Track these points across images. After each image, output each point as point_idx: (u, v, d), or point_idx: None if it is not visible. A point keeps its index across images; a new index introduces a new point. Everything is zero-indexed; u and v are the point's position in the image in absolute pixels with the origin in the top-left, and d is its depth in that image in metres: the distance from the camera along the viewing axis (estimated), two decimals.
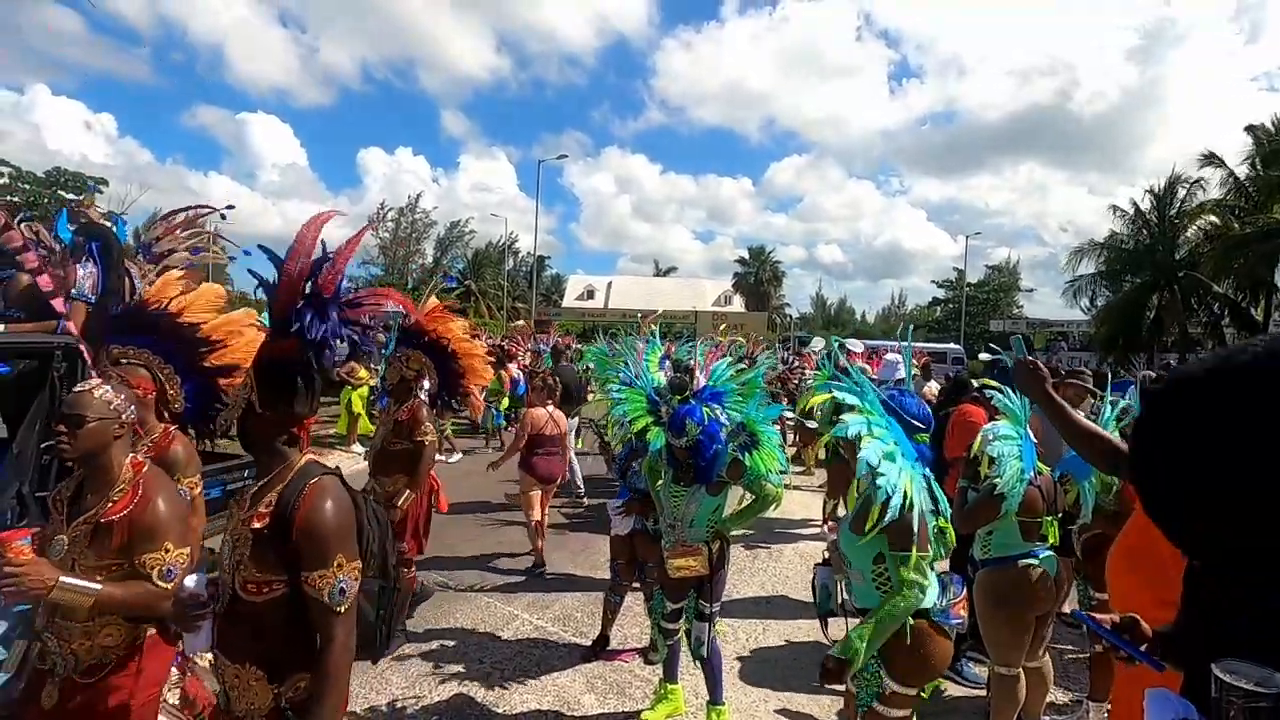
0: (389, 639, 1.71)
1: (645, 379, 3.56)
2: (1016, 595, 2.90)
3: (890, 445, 2.09)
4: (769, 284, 47.91)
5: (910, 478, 2.04)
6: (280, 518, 1.47)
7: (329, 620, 1.45)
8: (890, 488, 1.97)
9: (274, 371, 1.54)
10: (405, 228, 55.97)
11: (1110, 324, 25.55)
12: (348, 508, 1.54)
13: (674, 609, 3.16)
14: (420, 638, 4.05)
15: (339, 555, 1.46)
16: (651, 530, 3.73)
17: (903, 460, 2.08)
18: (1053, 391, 2.12)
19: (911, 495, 2.00)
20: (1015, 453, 2.78)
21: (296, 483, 1.50)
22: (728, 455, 3.07)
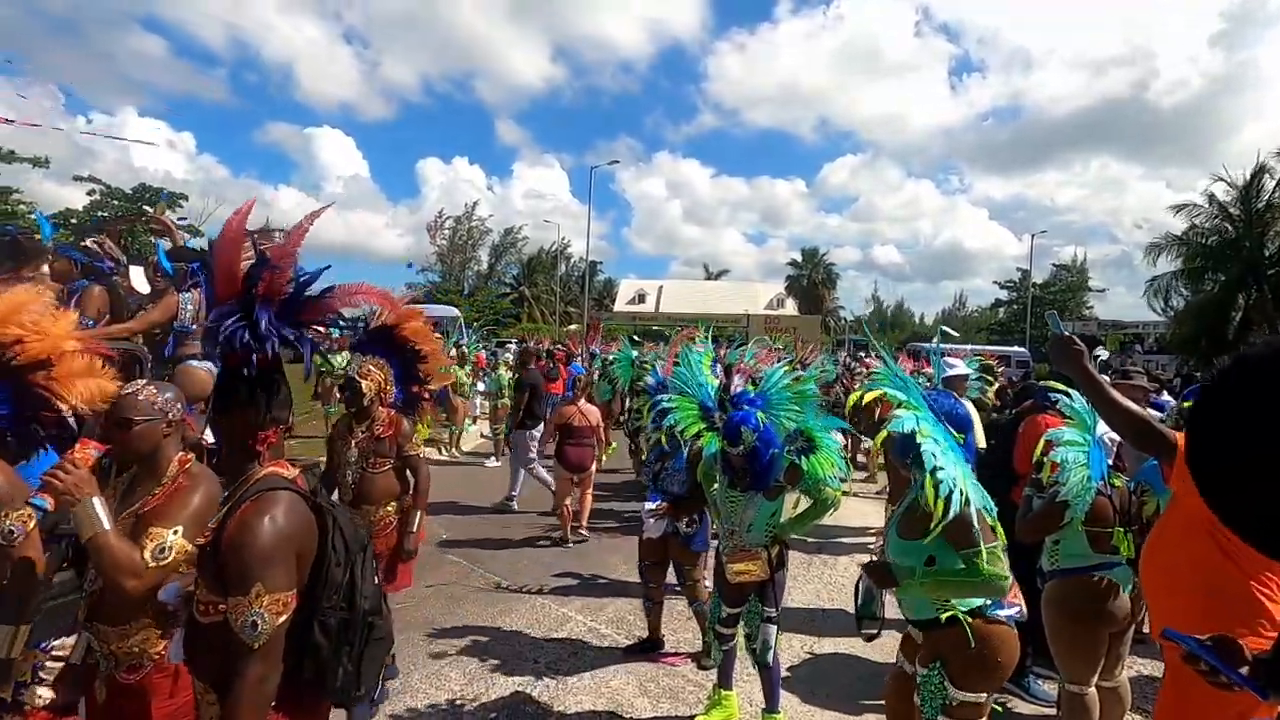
0: (357, 681, 1.51)
1: (698, 385, 3.54)
2: (1086, 608, 2.77)
3: (943, 441, 2.06)
4: (822, 286, 47.03)
5: (963, 473, 2.01)
6: (216, 536, 1.39)
7: (239, 654, 1.31)
8: (951, 482, 1.93)
9: (222, 383, 1.48)
10: (461, 235, 57.42)
11: (1190, 325, 24.05)
12: (291, 529, 1.39)
13: (730, 614, 3.14)
14: (478, 636, 4.14)
15: (258, 584, 1.32)
16: (683, 534, 3.78)
17: (954, 456, 2.05)
18: (1089, 366, 2.02)
19: (967, 490, 1.96)
20: (1081, 459, 2.67)
21: (242, 497, 1.42)
22: (784, 460, 3.04)
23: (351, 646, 1.49)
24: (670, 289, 50.44)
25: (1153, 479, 2.98)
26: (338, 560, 1.47)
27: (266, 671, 1.34)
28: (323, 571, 1.44)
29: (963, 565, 2.02)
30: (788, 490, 3.08)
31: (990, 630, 2.10)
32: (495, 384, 10.30)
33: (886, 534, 2.38)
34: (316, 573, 1.45)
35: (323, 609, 1.45)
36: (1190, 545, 1.92)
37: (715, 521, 3.29)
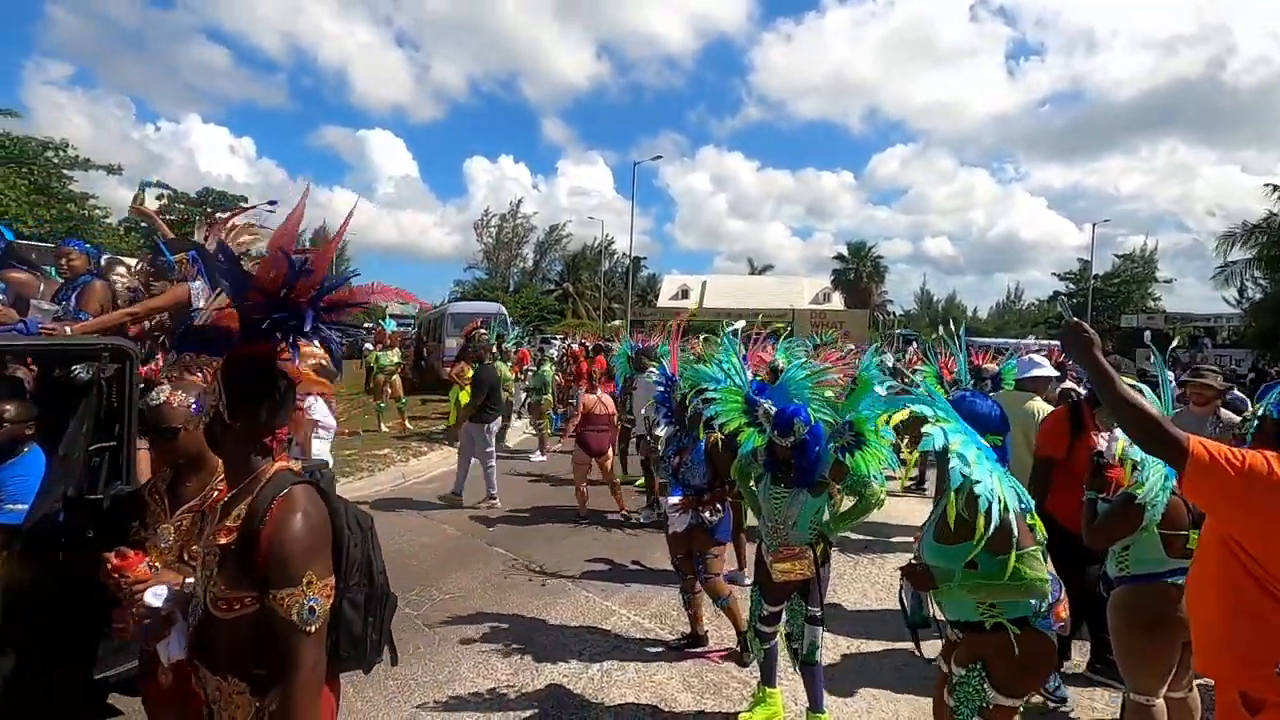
0: (380, 647, 1.65)
1: (742, 379, 3.50)
2: (1158, 617, 2.62)
3: (973, 451, 1.99)
4: (870, 280, 46.06)
5: (999, 479, 1.96)
6: (247, 533, 1.41)
7: (297, 641, 1.37)
8: (989, 495, 1.88)
9: (242, 377, 1.48)
10: (507, 233, 58.29)
11: (1266, 317, 22.69)
12: (320, 519, 1.46)
13: (771, 612, 3.10)
14: (523, 628, 4.20)
15: (309, 573, 1.38)
16: (708, 524, 3.78)
17: (988, 463, 1.99)
18: (1101, 357, 1.89)
19: (1005, 498, 1.91)
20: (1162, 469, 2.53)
21: (265, 495, 1.43)
22: (829, 456, 2.99)
23: (375, 618, 1.60)
24: (714, 284, 50.16)
25: None
26: (355, 540, 1.54)
27: (319, 654, 1.42)
28: (344, 552, 1.51)
29: (1001, 569, 1.99)
30: (833, 487, 3.02)
31: (1034, 638, 2.11)
32: (539, 380, 10.41)
33: (922, 537, 2.31)
34: (337, 554, 1.51)
35: (349, 586, 1.53)
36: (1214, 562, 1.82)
37: (757, 518, 3.24)
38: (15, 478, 2.32)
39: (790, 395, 4.01)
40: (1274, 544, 1.69)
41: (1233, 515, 1.76)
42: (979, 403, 2.28)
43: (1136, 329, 34.34)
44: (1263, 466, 1.71)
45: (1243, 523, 1.75)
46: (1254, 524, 1.72)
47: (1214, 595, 1.85)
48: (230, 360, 1.50)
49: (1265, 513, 1.68)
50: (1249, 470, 1.68)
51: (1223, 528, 1.81)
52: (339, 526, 1.51)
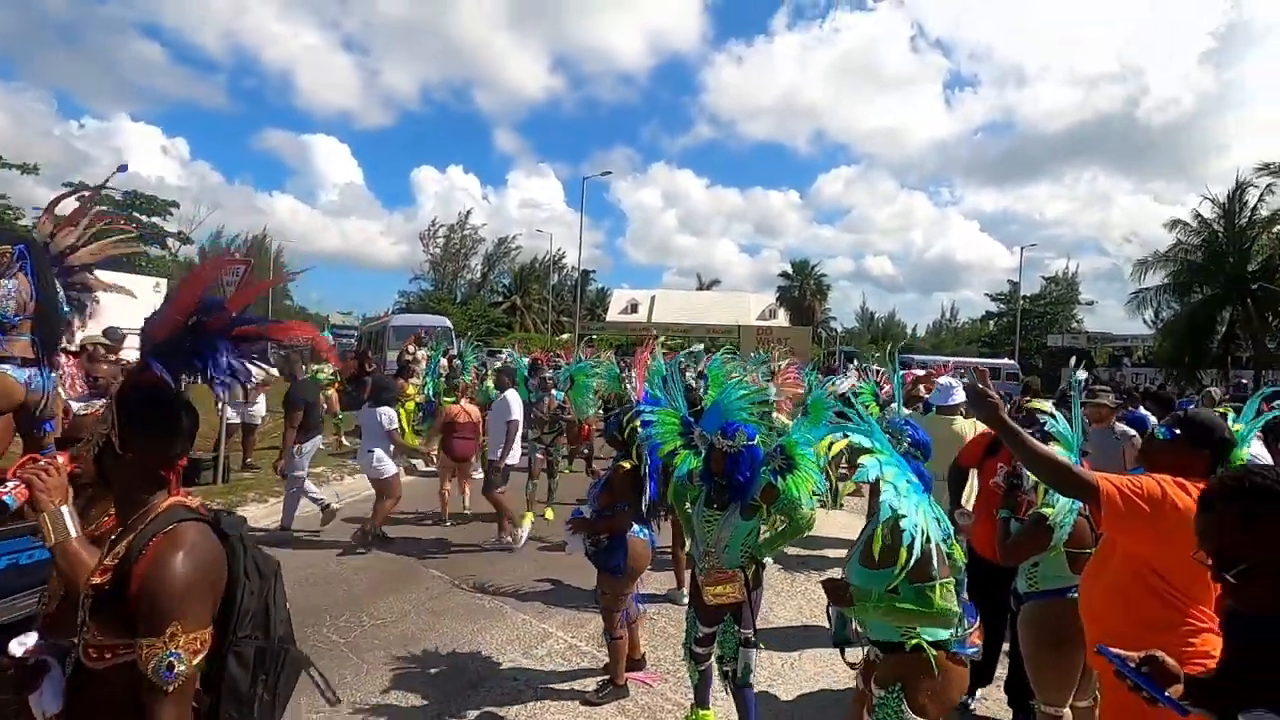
0: (273, 710, 1.48)
1: (678, 400, 3.55)
2: (1065, 631, 2.77)
3: (904, 483, 2.08)
4: (813, 298, 47.21)
5: (923, 512, 2.04)
6: (123, 571, 1.30)
7: (153, 700, 1.24)
8: (913, 529, 1.96)
9: (141, 407, 1.39)
10: (455, 244, 57.44)
11: (1175, 339, 24.32)
12: (206, 562, 1.34)
13: (706, 634, 3.12)
14: (456, 654, 4.11)
15: (174, 623, 1.25)
16: (590, 552, 3.67)
17: (915, 495, 2.08)
18: (1006, 417, 2.05)
19: (927, 529, 2.00)
20: None
21: (148, 531, 1.33)
22: (762, 479, 3.05)
23: (268, 675, 1.45)
24: (663, 299, 50.46)
25: None
26: (251, 588, 1.41)
27: (181, 714, 1.28)
28: (235, 600, 1.38)
29: (918, 596, 2.08)
30: (764, 510, 3.08)
31: (951, 665, 2.20)
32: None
33: (849, 557, 2.39)
34: (229, 603, 1.38)
35: (238, 639, 1.39)
36: (1131, 589, 2.00)
37: (690, 542, 3.28)
38: None
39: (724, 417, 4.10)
40: (1175, 558, 1.86)
41: (1142, 538, 1.95)
42: (908, 428, 2.38)
43: (1063, 348, 36.31)
44: (1157, 490, 1.92)
45: (1150, 544, 1.94)
46: (1160, 544, 1.92)
47: (1121, 604, 2.02)
48: (128, 388, 1.41)
49: (1165, 530, 1.87)
50: (1149, 497, 1.90)
51: (1133, 549, 1.98)
52: (234, 571, 1.39)
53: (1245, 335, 22.81)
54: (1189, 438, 2.13)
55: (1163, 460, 2.15)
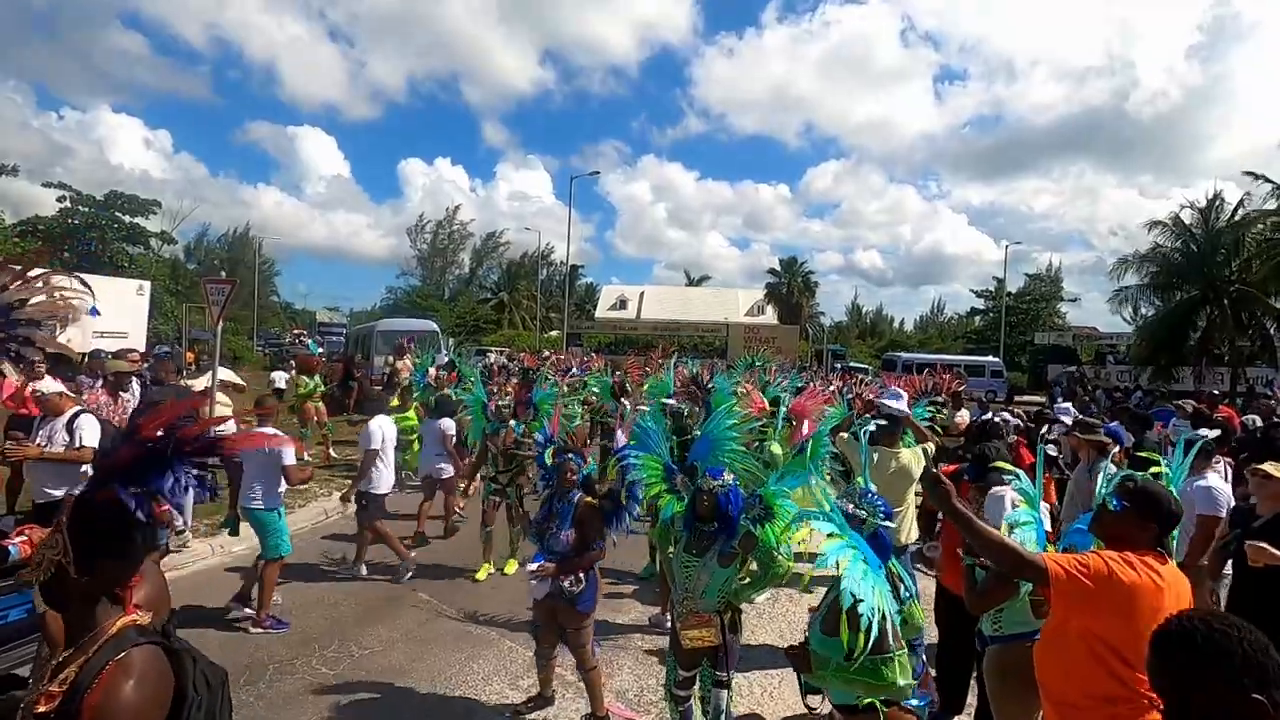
0: None
1: (659, 445, 3.64)
2: (1028, 673, 2.90)
3: (860, 566, 2.16)
4: (801, 295, 47.40)
5: (879, 590, 2.12)
6: (69, 702, 1.25)
7: None
8: (870, 613, 2.04)
9: (100, 531, 1.35)
10: (443, 239, 57.22)
11: (1152, 339, 24.70)
12: (156, 691, 1.31)
13: (685, 676, 3.23)
14: (442, 686, 4.20)
15: None
16: (567, 594, 3.65)
17: (872, 576, 2.15)
18: (957, 504, 2.18)
19: (883, 607, 2.09)
20: (1034, 536, 2.80)
21: (99, 659, 1.29)
22: (741, 527, 3.14)
23: None
24: (652, 295, 50.56)
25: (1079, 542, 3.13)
26: (199, 702, 1.40)
27: None
28: (183, 718, 1.37)
29: (873, 669, 2.17)
30: (741, 557, 3.17)
31: (903, 715, 2.28)
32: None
33: (811, 622, 2.49)
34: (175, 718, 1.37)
35: None
36: (1084, 663, 2.10)
37: (671, 585, 3.37)
38: None
39: (713, 447, 4.19)
40: (1125, 632, 1.99)
41: (1091, 614, 2.06)
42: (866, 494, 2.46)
43: (1049, 346, 36.70)
44: (1103, 568, 2.04)
45: (1100, 619, 2.06)
46: (1109, 619, 2.04)
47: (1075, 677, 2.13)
48: (82, 507, 1.36)
49: (1113, 606, 2.00)
50: (1095, 574, 2.02)
51: (1084, 624, 2.09)
52: (182, 688, 1.37)
53: (1223, 336, 23.20)
54: (1137, 510, 2.24)
55: (1113, 530, 2.26)
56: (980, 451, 3.74)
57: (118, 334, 15.18)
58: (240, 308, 36.38)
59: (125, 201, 25.15)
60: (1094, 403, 10.82)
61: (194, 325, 15.76)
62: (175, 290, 23.34)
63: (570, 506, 3.78)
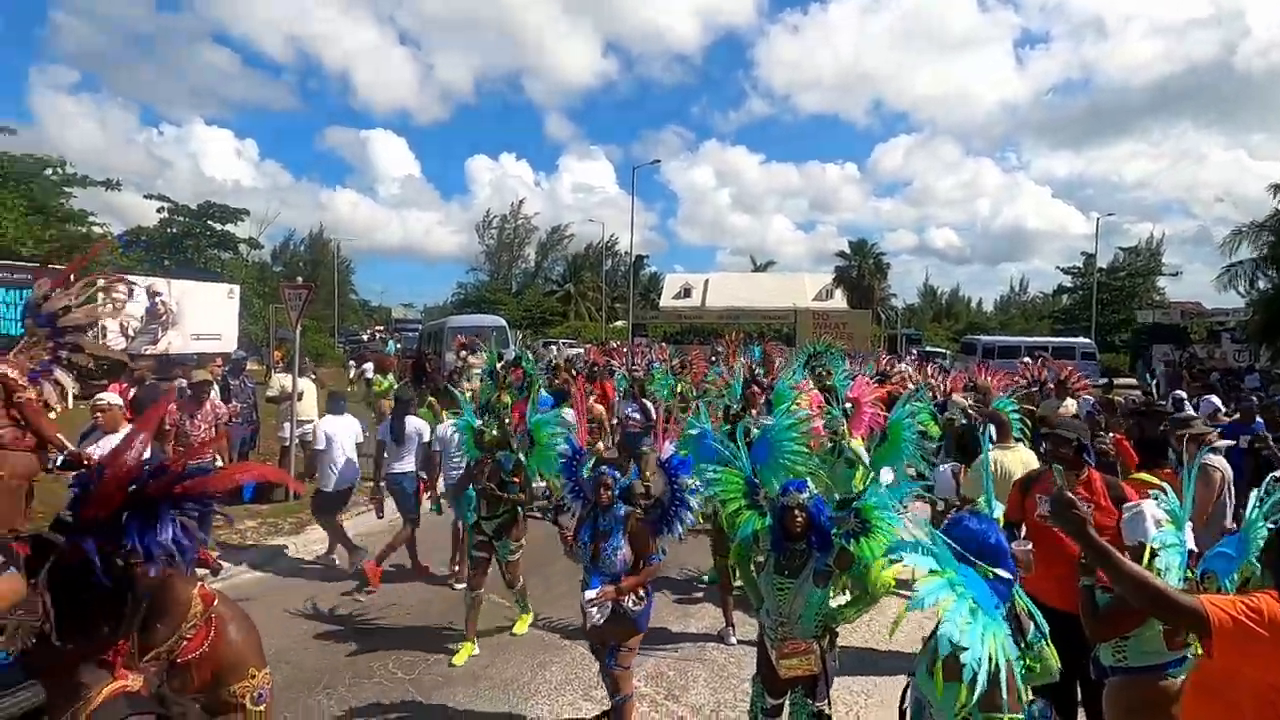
0: None
1: (742, 459, 3.42)
2: (1154, 710, 2.57)
3: (966, 608, 1.84)
4: (872, 278, 45.66)
5: (994, 635, 1.80)
6: None
7: None
8: (975, 663, 1.74)
9: (81, 593, 1.24)
10: (509, 234, 58.25)
11: (1268, 311, 22.27)
12: None
13: (773, 705, 3.03)
14: (516, 693, 4.16)
15: None
16: (630, 614, 3.43)
17: (984, 617, 1.83)
18: (1094, 534, 1.83)
19: (997, 657, 1.77)
20: (1178, 562, 2.47)
21: None
22: (836, 543, 2.91)
23: None
24: (717, 282, 49.95)
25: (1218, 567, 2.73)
26: None
27: None
28: None
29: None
30: (837, 575, 2.93)
31: None
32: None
33: (918, 660, 2.22)
34: None
35: None
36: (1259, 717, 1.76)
37: (756, 607, 3.17)
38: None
39: (772, 450, 3.96)
40: None
41: (1264, 665, 1.74)
42: (971, 530, 2.09)
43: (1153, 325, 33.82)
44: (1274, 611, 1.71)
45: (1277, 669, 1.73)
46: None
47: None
48: (60, 569, 1.22)
49: None
50: (1272, 622, 1.69)
51: (1257, 675, 1.77)
52: None
53: None
54: None
55: None
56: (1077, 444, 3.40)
57: (211, 335, 16.14)
58: (322, 307, 38.12)
59: (217, 210, 26.64)
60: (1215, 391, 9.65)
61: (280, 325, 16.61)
62: (262, 293, 24.51)
63: (618, 522, 3.50)
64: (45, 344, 3.92)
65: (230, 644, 1.84)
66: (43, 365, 3.89)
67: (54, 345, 3.93)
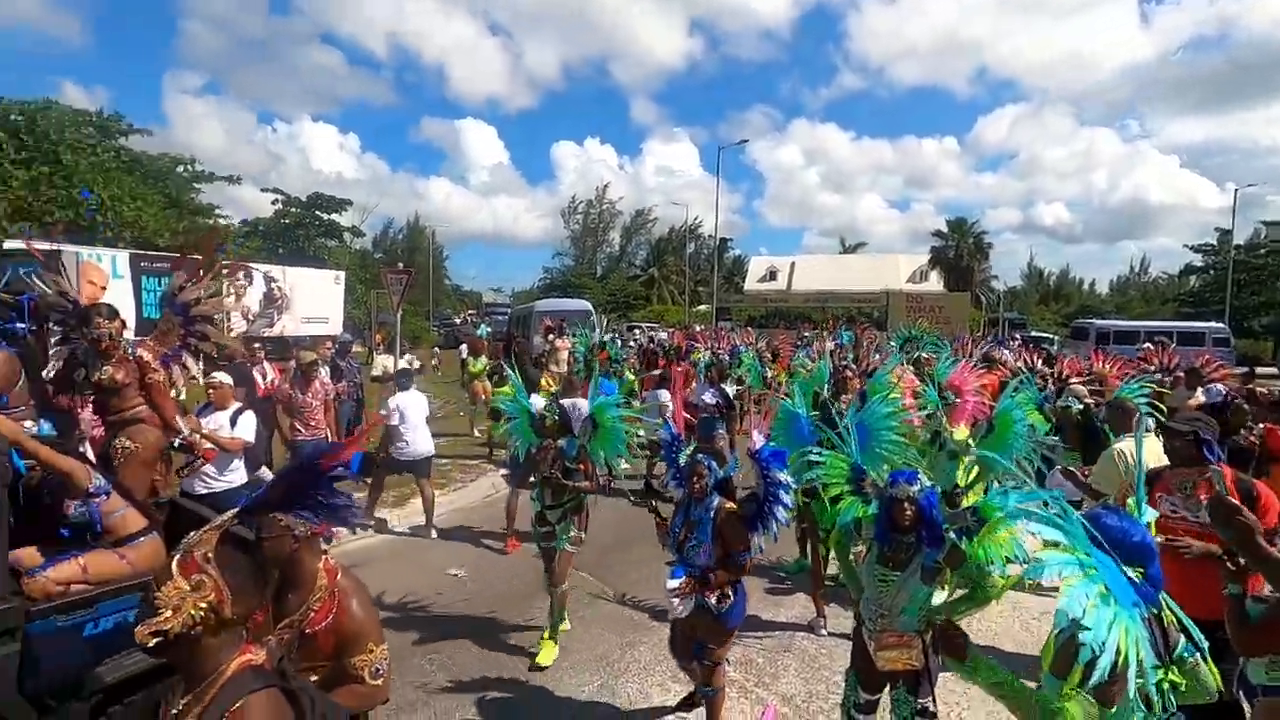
0: None
1: (850, 444, 3.29)
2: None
3: (1100, 587, 1.67)
4: (972, 258, 43.08)
5: (1125, 628, 1.61)
6: None
7: None
8: (1097, 644, 1.57)
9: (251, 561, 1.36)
10: (593, 219, 58.91)
11: None
12: None
13: (868, 700, 2.95)
14: (606, 671, 4.25)
15: None
16: (715, 611, 3.31)
17: (1117, 606, 1.65)
18: (1262, 543, 1.60)
19: (1127, 651, 1.59)
20: None
21: (219, 705, 1.25)
22: (947, 539, 2.77)
23: None
24: (803, 265, 48.69)
25: None
26: None
27: None
28: None
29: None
30: (946, 573, 2.79)
31: None
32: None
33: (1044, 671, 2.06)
34: None
35: None
36: None
37: (855, 596, 3.07)
38: None
39: (869, 437, 3.80)
40: None
41: None
42: (1112, 523, 1.91)
43: None
44: None
45: None
46: None
47: None
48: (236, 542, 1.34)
49: None
50: None
51: None
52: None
53: None
54: None
55: None
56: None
57: (319, 319, 17.24)
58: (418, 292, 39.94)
59: (324, 201, 28.36)
60: None
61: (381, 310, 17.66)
62: (364, 279, 26.00)
63: (709, 514, 3.36)
64: (178, 331, 4.29)
65: (352, 617, 2.00)
66: (174, 350, 4.26)
67: (185, 333, 4.31)
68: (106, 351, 3.81)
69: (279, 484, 1.46)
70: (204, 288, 4.37)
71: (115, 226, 15.16)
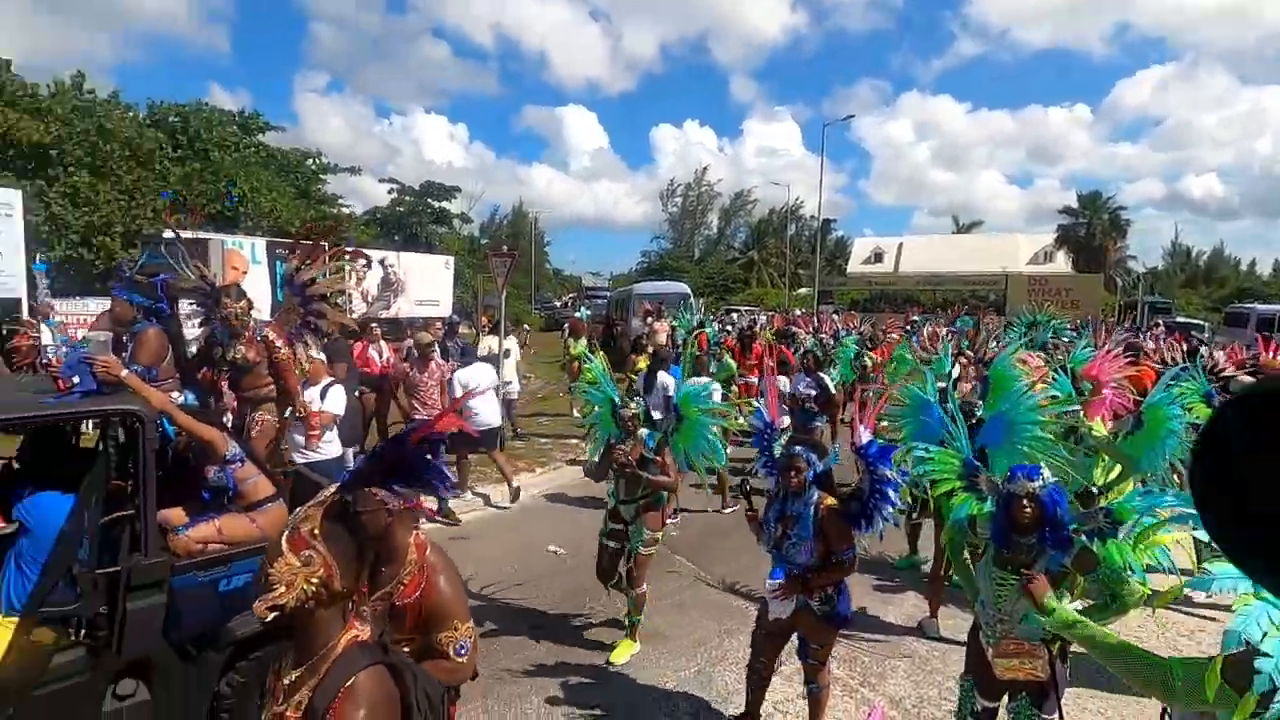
0: None
1: (961, 440, 3.04)
2: None
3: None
4: (1106, 236, 39.19)
5: None
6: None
7: None
8: (1275, 673, 1.39)
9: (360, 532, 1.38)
10: (692, 201, 58.52)
11: None
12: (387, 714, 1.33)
13: (986, 708, 2.72)
14: (704, 656, 4.18)
15: None
16: (818, 609, 3.14)
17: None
18: None
19: None
20: None
21: (330, 684, 1.29)
22: (1076, 541, 2.52)
23: None
24: (911, 246, 46.25)
25: None
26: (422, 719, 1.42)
27: None
28: None
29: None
30: (1074, 577, 2.53)
31: None
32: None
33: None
34: None
35: None
36: None
37: (971, 600, 2.84)
38: None
39: (1008, 432, 3.50)
40: None
41: None
42: None
43: None
44: None
45: None
46: None
47: None
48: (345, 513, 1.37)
49: None
50: None
51: None
52: (408, 708, 1.39)
53: None
54: None
55: None
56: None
57: (431, 302, 18.16)
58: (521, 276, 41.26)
59: (435, 189, 29.84)
60: None
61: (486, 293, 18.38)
62: (472, 264, 27.15)
63: (809, 509, 3.14)
64: (297, 310, 4.54)
65: (440, 593, 2.02)
66: (295, 329, 4.51)
67: (304, 312, 4.54)
68: (236, 330, 4.10)
69: (375, 459, 1.47)
70: (318, 269, 4.59)
71: (254, 216, 16.58)
